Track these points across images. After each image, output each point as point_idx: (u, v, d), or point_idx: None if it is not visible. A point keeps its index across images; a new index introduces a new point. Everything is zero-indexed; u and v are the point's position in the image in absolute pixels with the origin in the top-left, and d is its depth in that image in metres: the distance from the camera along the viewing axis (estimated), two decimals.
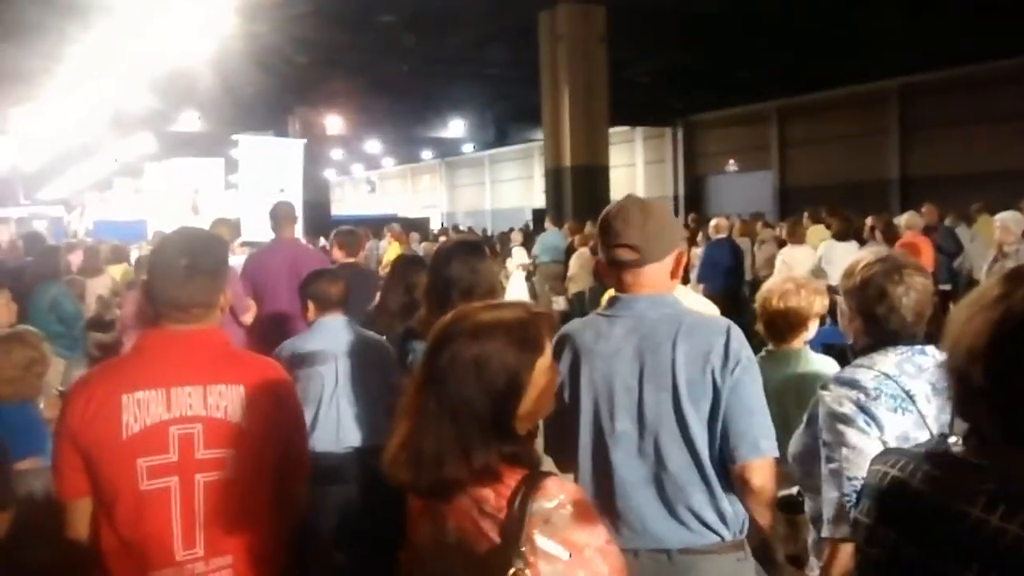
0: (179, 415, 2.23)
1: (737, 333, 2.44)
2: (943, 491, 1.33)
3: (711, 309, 3.71)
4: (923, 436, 2.23)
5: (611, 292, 2.61)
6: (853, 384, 2.35)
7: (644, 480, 2.39)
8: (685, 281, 6.00)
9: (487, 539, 1.68)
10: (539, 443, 1.97)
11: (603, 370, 2.43)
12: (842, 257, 8.27)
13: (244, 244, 10.36)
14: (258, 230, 10.46)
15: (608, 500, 2.40)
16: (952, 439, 1.41)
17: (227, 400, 2.28)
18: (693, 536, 2.38)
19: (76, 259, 10.65)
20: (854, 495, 2.22)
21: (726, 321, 2.53)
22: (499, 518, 1.67)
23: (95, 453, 2.21)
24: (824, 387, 2.48)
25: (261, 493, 2.35)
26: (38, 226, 27.57)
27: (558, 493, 1.69)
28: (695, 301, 3.70)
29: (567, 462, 2.54)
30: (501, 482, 1.71)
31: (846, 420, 2.32)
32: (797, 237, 10.21)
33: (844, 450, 2.29)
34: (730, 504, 2.42)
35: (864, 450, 2.22)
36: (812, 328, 3.62)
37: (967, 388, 1.37)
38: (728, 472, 2.39)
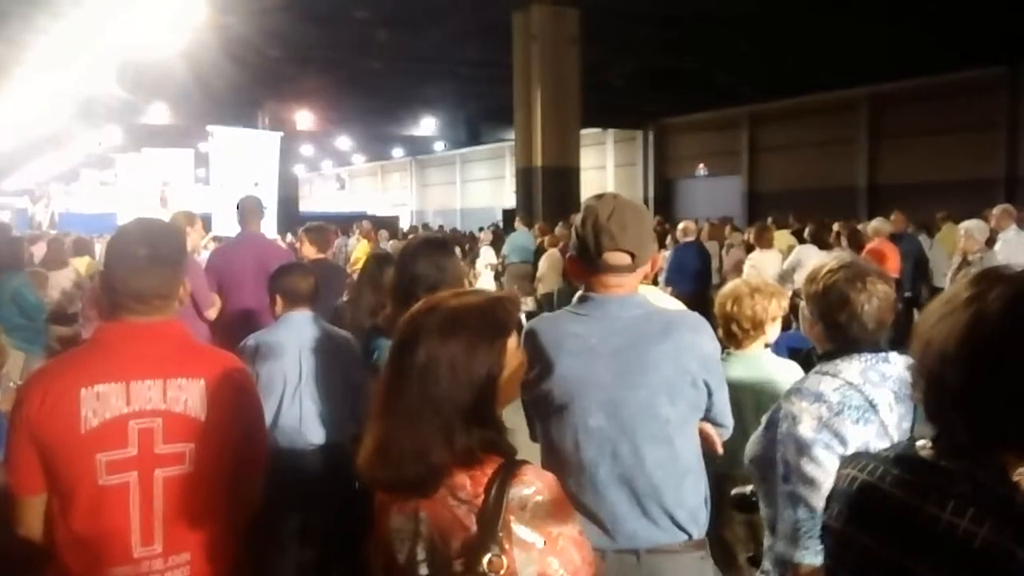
0: (139, 409, 2.19)
1: (707, 327, 2.52)
2: (913, 495, 1.33)
3: (676, 307, 3.72)
4: (884, 445, 2.23)
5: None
6: (817, 397, 2.34)
7: (618, 478, 2.39)
8: (654, 283, 6.01)
9: (462, 527, 1.67)
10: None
11: (577, 368, 2.42)
12: (812, 261, 8.34)
13: (216, 239, 10.28)
14: (231, 225, 10.19)
15: (580, 498, 2.38)
16: (921, 442, 1.41)
17: (187, 394, 2.24)
18: (662, 535, 2.40)
19: (39, 251, 10.52)
20: (809, 522, 2.21)
21: (697, 316, 2.56)
22: (475, 504, 1.67)
23: (53, 447, 2.16)
24: (787, 396, 2.49)
25: (220, 488, 2.32)
26: (2, 216, 27.12)
27: (535, 480, 1.70)
28: (666, 302, 3.70)
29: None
30: (479, 469, 1.71)
31: (804, 449, 2.30)
32: (765, 241, 10.28)
33: (800, 480, 2.27)
34: (699, 500, 2.45)
35: (821, 483, 2.19)
36: (770, 332, 3.63)
37: (938, 391, 1.37)
38: (697, 469, 2.46)
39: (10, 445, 2.22)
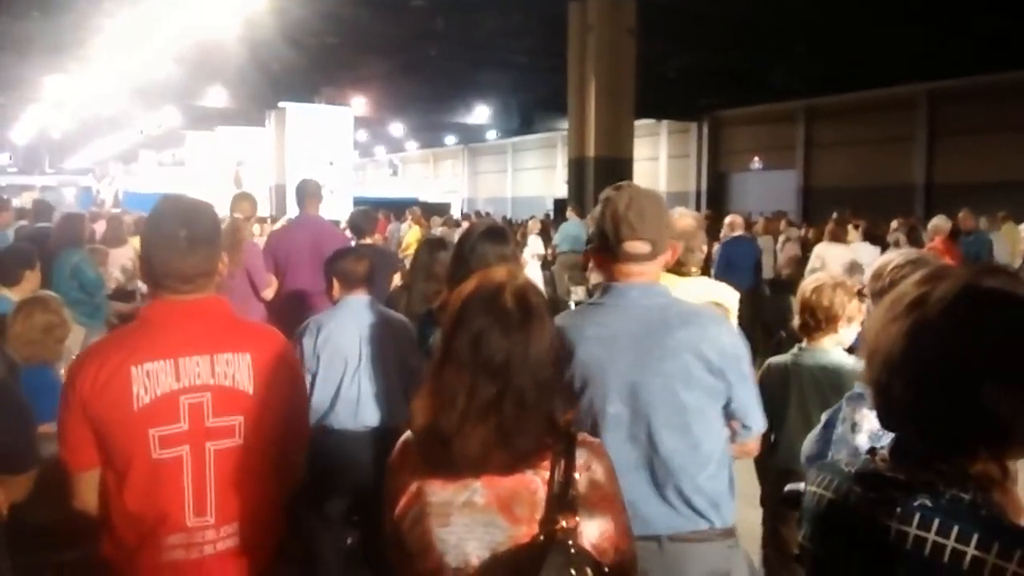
0: (188, 384, 2.25)
1: (728, 323, 2.56)
2: (878, 512, 1.30)
3: (733, 299, 3.68)
4: None
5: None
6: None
7: (635, 464, 2.41)
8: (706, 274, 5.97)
9: (528, 491, 1.74)
10: None
11: (596, 354, 2.44)
12: (867, 259, 8.21)
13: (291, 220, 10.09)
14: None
15: None
16: (882, 452, 1.38)
17: (234, 368, 2.29)
18: (683, 521, 2.40)
19: (100, 228, 10.71)
20: None
21: (716, 310, 2.57)
22: (542, 469, 1.75)
23: (107, 424, 2.21)
24: (849, 399, 2.47)
25: (268, 460, 2.37)
26: (67, 194, 27.65)
27: (593, 446, 1.83)
28: (719, 292, 3.66)
29: None
30: (547, 445, 1.77)
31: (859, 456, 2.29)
32: (837, 235, 10.03)
33: None
34: (721, 488, 2.45)
35: None
36: (846, 331, 3.56)
37: (887, 399, 1.34)
38: (719, 457, 2.46)
39: (63, 422, 2.27)
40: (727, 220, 11.65)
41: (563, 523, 1.69)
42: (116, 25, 15.68)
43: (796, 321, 3.63)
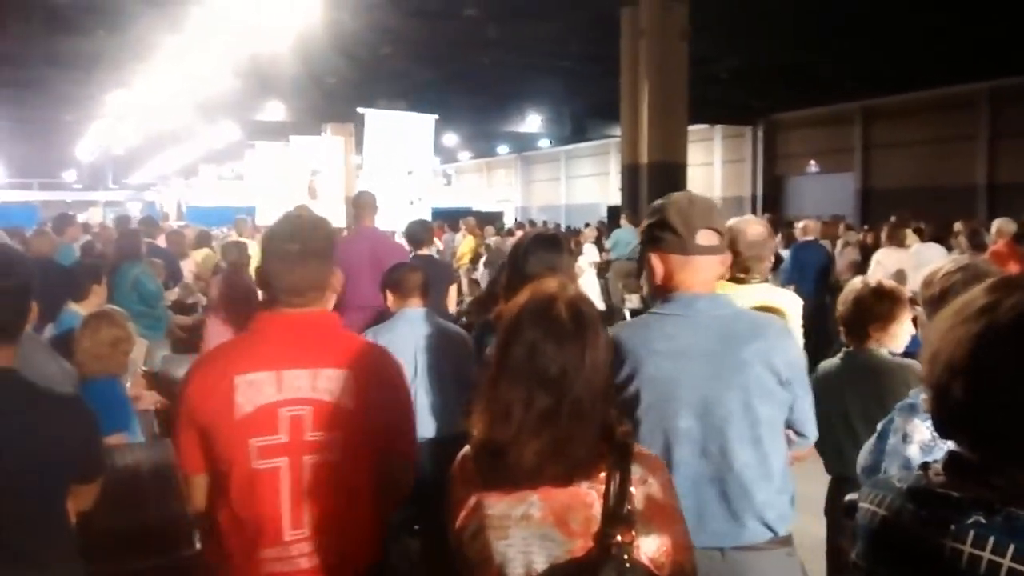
0: (289, 397, 2.29)
1: (790, 334, 2.55)
2: (932, 530, 1.28)
3: (794, 306, 3.64)
4: None
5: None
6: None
7: (707, 478, 2.40)
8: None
9: (584, 505, 1.75)
10: None
11: (666, 369, 2.42)
12: (932, 262, 8.04)
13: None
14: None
15: None
16: (935, 467, 1.35)
17: (335, 383, 2.32)
18: (749, 533, 2.39)
19: (161, 243, 10.94)
20: None
21: (780, 321, 2.58)
22: (597, 482, 1.75)
23: (210, 432, 2.28)
24: (901, 410, 2.44)
25: (366, 477, 2.39)
26: (132, 208, 28.31)
27: (650, 459, 1.84)
28: (781, 298, 3.63)
29: None
30: (602, 456, 1.78)
31: (909, 469, 2.26)
32: (896, 239, 9.88)
33: None
34: (785, 500, 2.44)
35: None
36: (893, 336, 3.50)
37: (946, 404, 1.31)
38: (784, 469, 2.46)
39: (175, 427, 2.36)
40: (799, 224, 11.51)
41: (618, 537, 1.69)
42: (177, 41, 16.01)
43: (841, 327, 3.60)
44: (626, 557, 1.68)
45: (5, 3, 15.44)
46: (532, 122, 30.88)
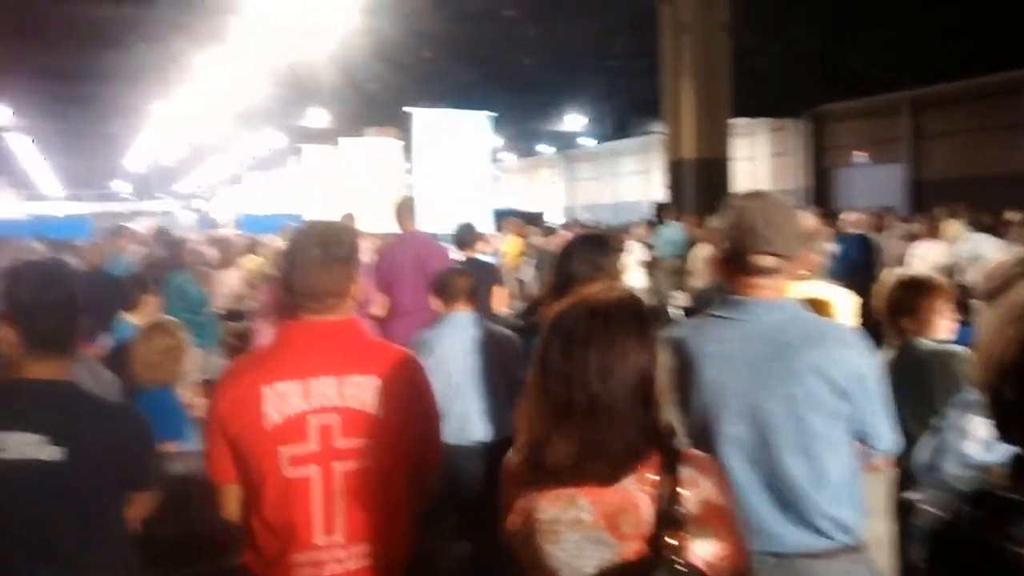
0: (317, 405, 2.30)
1: (860, 342, 2.41)
2: (994, 535, 1.23)
3: (847, 300, 3.57)
4: None
5: None
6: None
7: (758, 485, 2.36)
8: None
9: (634, 507, 1.73)
10: None
11: (715, 373, 2.39)
12: (988, 253, 7.87)
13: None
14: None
15: None
16: (995, 471, 1.32)
17: (363, 390, 2.33)
18: (810, 539, 2.34)
19: (211, 251, 11.08)
20: None
21: (848, 329, 2.48)
22: (647, 485, 1.74)
23: (241, 442, 2.30)
24: (956, 406, 2.38)
25: (396, 482, 2.40)
26: (183, 217, 28.79)
27: (697, 459, 1.82)
28: (834, 294, 3.56)
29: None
30: (648, 458, 1.76)
31: (965, 467, 2.20)
32: (932, 232, 9.72)
33: None
34: (846, 510, 2.36)
35: None
36: (930, 325, 3.44)
37: (1000, 406, 1.28)
38: (845, 479, 2.37)
39: (207, 438, 2.39)
40: (847, 217, 11.30)
41: (670, 540, 1.68)
42: (218, 52, 16.24)
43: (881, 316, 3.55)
44: (678, 559, 1.66)
45: (53, 21, 15.78)
46: (574, 121, 30.85)
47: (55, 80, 20.73)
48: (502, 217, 16.50)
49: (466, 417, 3.99)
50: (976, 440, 2.27)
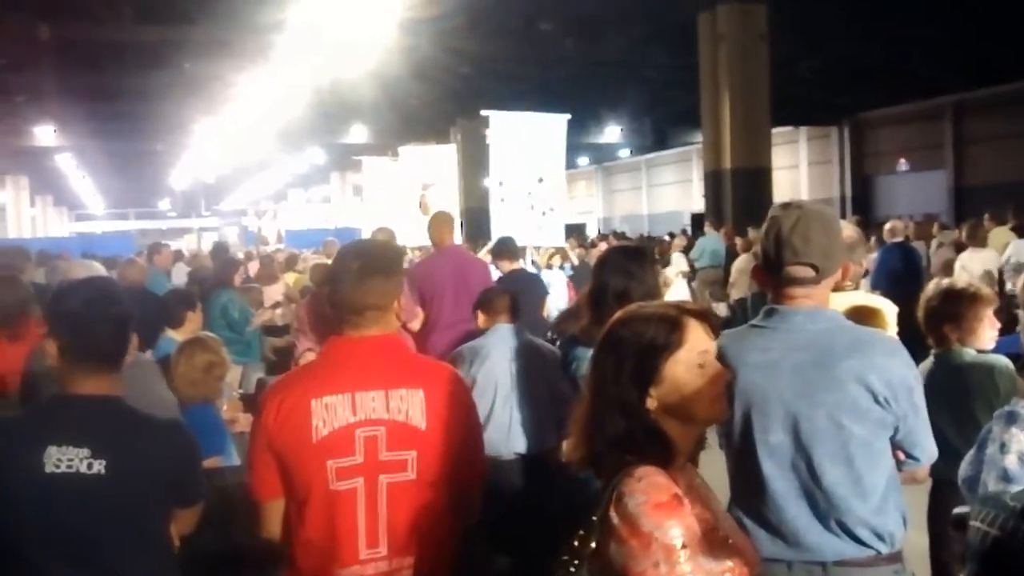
0: (364, 418, 2.33)
1: (902, 351, 2.40)
2: None
3: (890, 309, 3.54)
4: None
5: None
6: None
7: (797, 493, 2.36)
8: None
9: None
10: None
11: (757, 382, 2.40)
12: None
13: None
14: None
15: (761, 511, 2.39)
16: None
17: (408, 404, 2.36)
18: (847, 548, 2.33)
19: (254, 268, 11.23)
20: None
21: (893, 340, 2.45)
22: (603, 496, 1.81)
23: (288, 455, 2.32)
24: (999, 418, 2.35)
25: (442, 494, 2.42)
26: (230, 233, 29.16)
27: (642, 476, 1.75)
28: (876, 305, 3.53)
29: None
30: (622, 461, 1.80)
31: (1006, 481, 2.17)
32: (977, 240, 9.55)
33: None
34: (886, 519, 2.35)
35: None
36: (973, 334, 3.40)
37: None
38: (884, 489, 2.35)
39: (251, 453, 2.42)
40: (887, 226, 11.10)
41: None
42: (259, 72, 16.47)
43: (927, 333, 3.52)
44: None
45: (98, 43, 16.12)
46: (612, 132, 30.80)
47: (101, 99, 21.13)
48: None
49: (510, 428, 4.02)
50: (1016, 454, 2.23)
